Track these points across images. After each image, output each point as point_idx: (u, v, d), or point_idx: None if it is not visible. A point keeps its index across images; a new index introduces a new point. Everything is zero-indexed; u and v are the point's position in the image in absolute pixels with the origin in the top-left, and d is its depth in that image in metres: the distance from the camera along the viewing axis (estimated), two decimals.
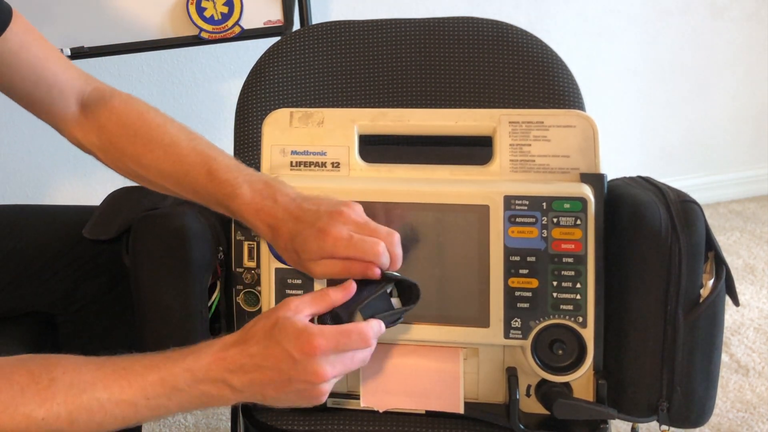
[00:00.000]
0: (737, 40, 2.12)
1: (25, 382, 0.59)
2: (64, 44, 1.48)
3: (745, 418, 1.40)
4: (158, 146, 0.79)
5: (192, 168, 0.76)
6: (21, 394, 0.59)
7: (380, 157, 0.82)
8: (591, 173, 0.78)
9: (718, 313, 0.74)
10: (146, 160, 0.79)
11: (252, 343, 0.63)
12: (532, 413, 0.79)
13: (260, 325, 0.64)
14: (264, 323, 0.64)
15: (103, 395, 0.61)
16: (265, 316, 0.65)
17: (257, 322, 0.65)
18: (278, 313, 0.64)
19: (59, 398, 0.59)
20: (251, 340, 0.64)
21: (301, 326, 0.63)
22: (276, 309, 0.65)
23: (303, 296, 0.67)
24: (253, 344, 0.63)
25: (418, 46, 0.99)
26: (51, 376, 0.60)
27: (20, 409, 0.58)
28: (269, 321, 0.64)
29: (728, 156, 2.25)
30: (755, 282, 1.83)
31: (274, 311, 0.65)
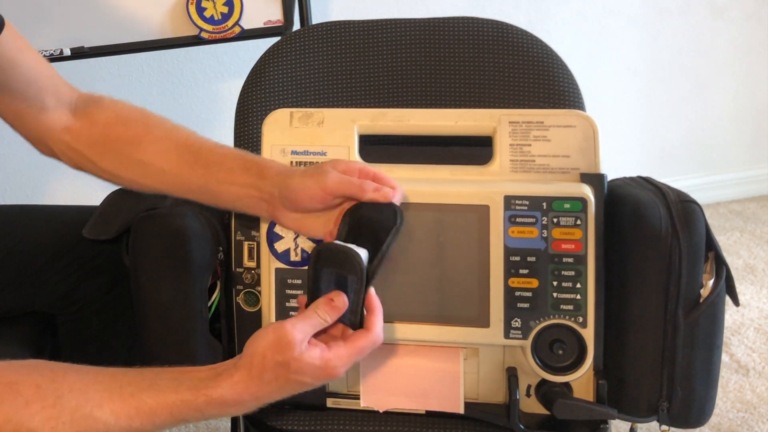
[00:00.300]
0: (737, 40, 2.12)
1: (31, 396, 0.59)
2: (64, 44, 1.48)
3: (745, 418, 1.40)
4: (156, 127, 0.79)
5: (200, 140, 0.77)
6: (26, 408, 0.58)
7: (380, 157, 0.82)
8: (591, 173, 0.78)
9: (718, 313, 0.74)
10: (146, 141, 0.78)
11: (264, 384, 0.63)
12: (532, 413, 0.79)
13: (270, 365, 0.62)
14: (274, 361, 0.62)
15: (110, 419, 0.60)
16: (271, 350, 0.63)
17: (266, 357, 0.62)
18: (288, 353, 0.62)
19: (64, 418, 0.59)
20: (263, 380, 0.63)
21: (319, 363, 0.63)
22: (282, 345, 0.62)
23: (298, 323, 0.64)
24: (265, 385, 0.63)
25: (418, 46, 0.99)
26: (57, 394, 0.60)
27: (24, 423, 0.58)
28: (279, 359, 0.62)
29: (728, 156, 2.25)
30: (755, 282, 1.83)
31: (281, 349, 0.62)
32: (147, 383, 0.63)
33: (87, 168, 0.83)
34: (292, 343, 0.63)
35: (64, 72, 1.80)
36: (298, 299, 0.71)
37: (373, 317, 0.67)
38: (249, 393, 0.63)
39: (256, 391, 0.63)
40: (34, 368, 0.62)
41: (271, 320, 0.79)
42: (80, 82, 1.69)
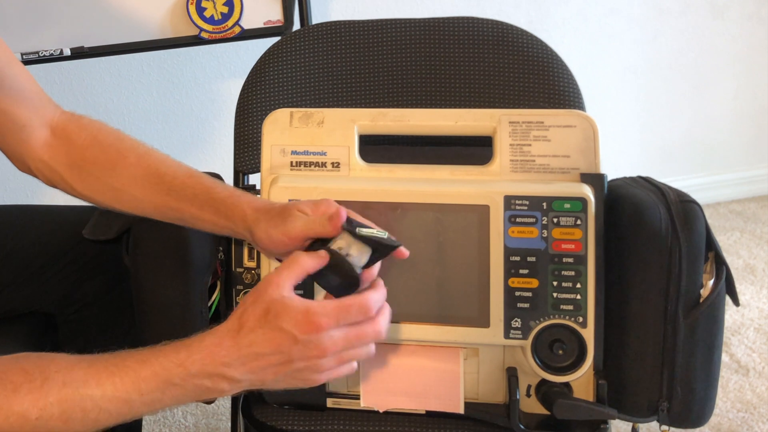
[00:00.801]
0: (737, 40, 2.12)
1: (19, 381, 0.59)
2: (64, 44, 1.48)
3: (745, 418, 1.40)
4: (130, 152, 0.79)
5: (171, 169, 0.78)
6: (14, 394, 0.59)
7: (380, 157, 0.82)
8: (591, 173, 0.77)
9: (718, 313, 0.74)
10: (120, 167, 0.79)
11: (246, 332, 0.62)
12: (532, 413, 0.79)
13: (251, 311, 0.62)
14: (255, 308, 0.62)
15: (96, 392, 0.60)
16: (252, 299, 0.63)
17: (247, 308, 0.63)
18: (267, 295, 0.62)
19: (52, 397, 0.59)
20: (245, 328, 0.62)
21: (300, 306, 0.61)
22: (261, 291, 0.63)
23: (280, 270, 0.64)
24: (247, 333, 0.62)
25: (418, 46, 0.99)
26: (44, 375, 0.60)
27: (14, 408, 0.58)
28: (261, 305, 0.62)
29: (728, 156, 2.25)
30: (755, 282, 1.83)
31: (260, 294, 0.63)
32: (130, 356, 0.63)
33: (61, 187, 0.83)
34: (270, 282, 0.63)
35: (64, 72, 1.79)
36: None
37: (370, 291, 0.66)
38: (233, 345, 0.62)
39: (240, 341, 0.62)
40: (23, 357, 0.63)
41: None
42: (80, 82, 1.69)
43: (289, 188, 0.79)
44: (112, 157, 0.79)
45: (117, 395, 0.61)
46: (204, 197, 0.76)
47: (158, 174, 0.78)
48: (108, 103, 1.81)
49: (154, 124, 1.86)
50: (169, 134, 1.88)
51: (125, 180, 0.78)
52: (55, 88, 1.77)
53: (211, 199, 0.75)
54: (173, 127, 1.87)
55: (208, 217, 0.75)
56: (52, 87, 1.77)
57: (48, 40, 1.48)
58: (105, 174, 0.79)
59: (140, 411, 0.63)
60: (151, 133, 1.86)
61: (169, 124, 1.87)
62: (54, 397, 0.59)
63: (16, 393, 0.59)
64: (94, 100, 1.80)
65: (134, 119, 1.84)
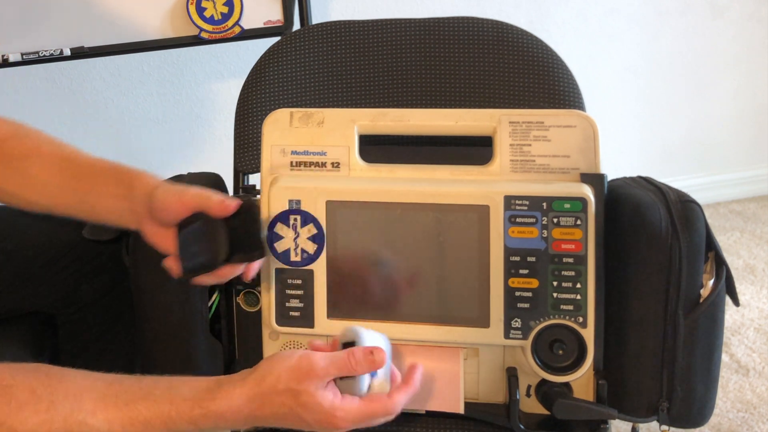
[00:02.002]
0: (737, 40, 2.12)
1: (25, 400, 0.59)
2: (64, 44, 1.48)
3: (745, 418, 1.40)
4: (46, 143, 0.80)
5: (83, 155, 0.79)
6: (18, 412, 0.58)
7: (380, 157, 0.82)
8: (591, 173, 0.77)
9: (718, 313, 0.74)
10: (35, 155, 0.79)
11: (268, 403, 0.63)
12: (532, 413, 0.79)
13: (282, 389, 0.63)
14: (287, 387, 0.62)
15: (102, 427, 0.60)
16: (289, 374, 0.63)
17: (280, 379, 0.63)
18: (303, 385, 0.63)
19: (57, 424, 0.59)
20: (268, 399, 0.63)
21: (327, 407, 0.62)
22: (302, 374, 0.63)
23: (326, 359, 0.64)
24: (269, 405, 0.63)
25: (418, 46, 0.99)
26: (51, 399, 0.60)
27: (16, 427, 0.58)
28: (294, 387, 0.62)
29: (728, 156, 2.24)
30: (755, 282, 1.83)
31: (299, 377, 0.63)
32: (143, 392, 0.62)
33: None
34: (314, 373, 0.63)
35: (64, 72, 1.79)
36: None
37: (399, 392, 0.67)
38: (248, 409, 0.63)
39: (257, 409, 0.63)
40: (32, 372, 0.62)
41: (272, 320, 0.79)
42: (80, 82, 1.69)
43: (289, 188, 0.79)
44: (29, 146, 0.80)
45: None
46: (110, 170, 0.77)
47: (69, 159, 0.79)
48: (108, 103, 1.81)
49: (154, 124, 1.86)
50: (169, 134, 1.88)
51: (38, 167, 0.79)
52: (55, 88, 1.77)
53: (117, 171, 0.77)
54: (173, 127, 1.87)
55: (111, 189, 0.76)
56: (52, 87, 1.77)
57: (48, 40, 1.48)
58: (20, 163, 0.79)
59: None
60: (151, 133, 1.86)
61: (169, 124, 1.87)
62: (59, 424, 0.59)
63: (20, 412, 0.58)
64: (94, 100, 1.80)
65: (134, 119, 1.84)
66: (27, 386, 0.60)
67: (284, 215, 0.78)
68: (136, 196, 0.75)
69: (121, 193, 0.76)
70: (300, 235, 0.78)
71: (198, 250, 0.72)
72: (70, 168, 0.78)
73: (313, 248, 0.78)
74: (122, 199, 0.76)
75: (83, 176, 0.78)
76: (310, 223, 0.78)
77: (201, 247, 0.72)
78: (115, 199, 0.76)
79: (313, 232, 0.78)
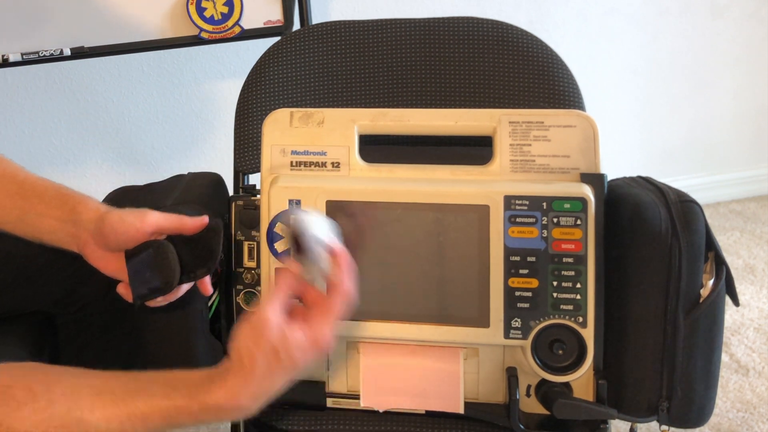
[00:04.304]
0: (737, 40, 2.12)
1: (23, 400, 0.59)
2: (64, 44, 1.48)
3: (745, 418, 1.40)
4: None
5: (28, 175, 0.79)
6: (17, 412, 0.58)
7: (380, 157, 0.82)
8: (591, 173, 0.77)
9: (718, 313, 0.74)
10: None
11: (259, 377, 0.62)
12: (532, 413, 0.79)
13: (260, 355, 0.62)
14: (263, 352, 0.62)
15: (101, 424, 0.60)
16: (254, 341, 0.63)
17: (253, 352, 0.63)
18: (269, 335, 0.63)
19: (55, 422, 0.59)
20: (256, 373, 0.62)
21: (306, 337, 0.63)
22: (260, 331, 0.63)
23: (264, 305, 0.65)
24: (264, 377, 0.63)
25: (418, 46, 0.99)
26: (49, 397, 0.60)
27: (15, 426, 0.58)
28: (267, 347, 0.63)
29: (729, 156, 2.25)
30: (755, 282, 1.83)
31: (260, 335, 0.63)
32: (140, 388, 0.63)
33: None
34: (268, 321, 0.63)
35: (64, 72, 1.79)
36: None
37: (340, 273, 0.67)
38: (246, 393, 0.63)
39: (255, 389, 0.63)
40: (30, 371, 0.62)
41: None
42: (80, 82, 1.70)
43: (289, 188, 0.79)
44: None
45: (124, 429, 0.61)
46: (53, 193, 0.77)
47: (11, 176, 0.79)
48: (108, 103, 1.81)
49: (154, 124, 1.86)
50: (169, 134, 1.88)
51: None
52: (55, 88, 1.77)
53: (60, 194, 0.77)
54: (173, 127, 1.87)
55: (53, 211, 0.76)
56: (52, 87, 1.77)
57: (48, 40, 1.48)
58: None
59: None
60: (151, 133, 1.86)
61: (169, 124, 1.87)
62: (57, 422, 0.59)
63: (19, 411, 0.58)
64: (94, 100, 1.80)
65: (134, 119, 1.84)
66: (25, 385, 0.60)
67: (284, 215, 0.78)
68: (81, 221, 0.75)
69: (62, 216, 0.76)
70: None
71: (150, 276, 0.73)
72: (10, 185, 0.79)
73: None
74: (63, 222, 0.76)
75: (25, 195, 0.78)
76: None
77: (153, 274, 0.73)
78: (56, 221, 0.77)
79: None
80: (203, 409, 0.62)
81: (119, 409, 0.61)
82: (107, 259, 0.76)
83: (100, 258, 0.77)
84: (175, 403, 0.62)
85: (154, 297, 0.74)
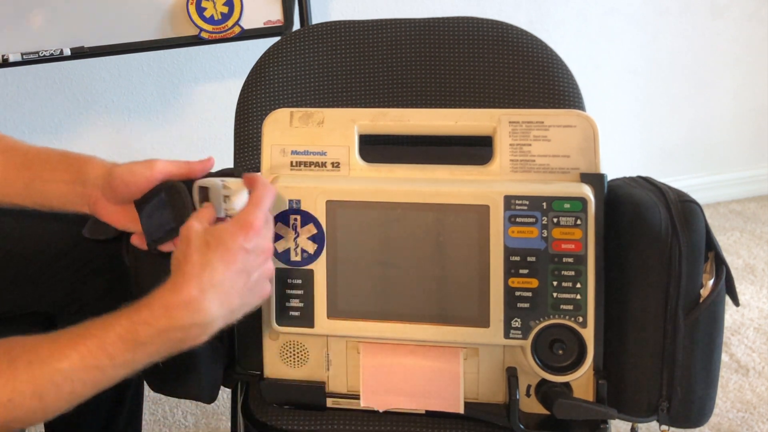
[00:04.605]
0: (737, 40, 2.12)
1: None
2: (64, 44, 1.48)
3: (745, 418, 1.40)
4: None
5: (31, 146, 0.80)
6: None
7: (380, 157, 0.82)
8: (591, 173, 0.77)
9: (718, 313, 0.74)
10: None
11: (201, 269, 0.64)
12: (532, 413, 0.79)
13: (194, 254, 0.64)
14: (194, 250, 0.65)
15: (64, 365, 0.60)
16: (184, 246, 0.65)
17: (187, 254, 0.65)
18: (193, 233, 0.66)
19: (21, 377, 0.59)
20: (196, 266, 0.64)
21: (231, 223, 0.66)
22: (185, 236, 0.66)
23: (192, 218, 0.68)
24: (203, 268, 0.64)
25: (418, 46, 0.99)
26: (9, 358, 0.60)
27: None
28: (197, 244, 0.65)
29: (729, 156, 2.25)
30: (755, 282, 1.83)
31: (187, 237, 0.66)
32: (95, 321, 0.63)
33: None
34: (193, 225, 0.66)
35: (64, 72, 1.79)
36: None
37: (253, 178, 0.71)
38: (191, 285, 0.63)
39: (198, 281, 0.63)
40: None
41: (272, 320, 0.79)
42: (80, 82, 1.69)
43: (290, 188, 0.79)
44: None
45: (86, 364, 0.61)
46: (58, 158, 0.78)
47: (15, 148, 0.80)
48: (108, 103, 1.81)
49: (154, 124, 1.86)
50: (169, 134, 1.88)
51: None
52: (55, 88, 1.77)
53: (66, 157, 0.78)
54: (173, 127, 1.87)
55: (60, 175, 0.77)
56: (52, 87, 1.77)
57: (48, 40, 1.48)
58: None
59: (115, 374, 0.63)
60: (151, 133, 1.86)
61: (169, 124, 1.87)
62: (23, 376, 0.59)
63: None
64: (94, 100, 1.80)
65: (134, 119, 1.84)
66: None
67: (284, 215, 0.78)
68: (89, 179, 0.76)
69: (70, 179, 0.77)
70: (300, 235, 0.78)
71: (164, 218, 0.74)
72: (15, 157, 0.79)
73: (313, 248, 0.78)
74: (71, 184, 0.77)
75: (30, 164, 0.78)
76: (310, 222, 0.78)
77: (166, 216, 0.74)
78: (63, 184, 0.77)
79: (313, 232, 0.78)
80: (157, 315, 0.62)
81: (78, 345, 0.61)
82: (118, 213, 0.77)
83: (111, 213, 0.77)
84: (129, 318, 0.62)
85: (170, 238, 0.75)
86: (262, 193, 0.70)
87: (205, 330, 0.65)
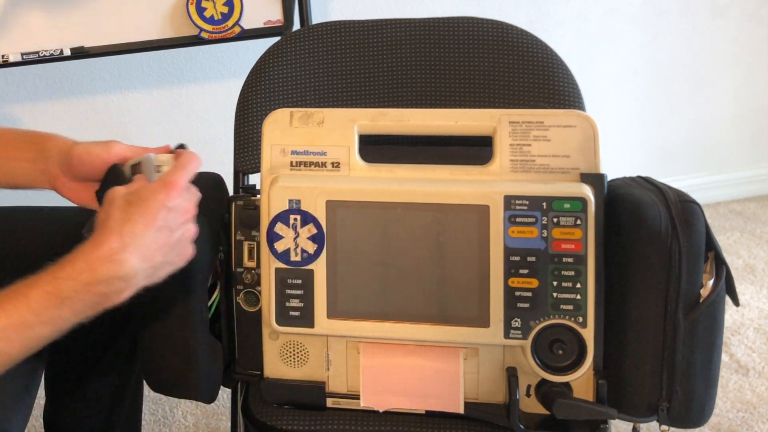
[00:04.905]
0: (737, 40, 2.12)
1: None
2: (64, 44, 1.48)
3: (745, 418, 1.40)
4: None
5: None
6: None
7: (380, 157, 0.82)
8: (591, 173, 0.77)
9: (718, 313, 0.74)
10: None
11: (122, 224, 0.64)
12: (532, 413, 0.79)
13: (116, 211, 0.65)
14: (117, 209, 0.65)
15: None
16: (107, 206, 0.66)
17: (109, 213, 0.65)
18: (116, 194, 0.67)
19: None
20: (118, 221, 0.64)
21: (152, 183, 0.67)
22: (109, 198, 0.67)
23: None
24: (124, 224, 0.64)
25: (418, 46, 0.99)
26: None
27: None
28: (119, 203, 0.66)
29: (728, 156, 2.25)
30: (755, 282, 1.83)
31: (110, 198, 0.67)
32: (21, 283, 0.64)
33: None
34: (116, 189, 0.67)
35: (64, 72, 1.79)
36: None
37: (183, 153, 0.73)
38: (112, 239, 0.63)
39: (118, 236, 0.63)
40: None
41: (271, 320, 0.79)
42: (80, 82, 1.69)
43: (289, 188, 0.79)
44: None
45: (12, 322, 0.61)
46: (24, 137, 0.80)
47: None
48: (108, 103, 1.81)
49: (154, 124, 1.86)
50: (169, 134, 1.88)
51: None
52: (55, 88, 1.77)
53: (26, 135, 0.80)
54: (173, 127, 1.87)
55: (21, 153, 0.79)
56: (52, 87, 1.77)
57: (48, 40, 1.48)
58: None
59: (44, 332, 0.63)
60: (151, 133, 1.86)
61: (169, 124, 1.87)
62: None
63: None
64: (94, 100, 1.80)
65: (134, 119, 1.84)
66: None
67: (284, 215, 0.78)
68: (50, 156, 0.78)
69: (33, 157, 0.79)
70: (300, 234, 0.78)
71: None
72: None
73: (313, 248, 0.78)
74: (34, 161, 0.79)
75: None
76: (310, 222, 0.78)
77: None
78: (27, 162, 0.79)
79: (313, 231, 0.78)
80: (79, 269, 0.62)
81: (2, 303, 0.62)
82: (77, 189, 0.79)
83: (71, 189, 0.79)
84: (54, 275, 0.63)
85: None
86: (188, 158, 0.71)
87: (128, 284, 0.65)
